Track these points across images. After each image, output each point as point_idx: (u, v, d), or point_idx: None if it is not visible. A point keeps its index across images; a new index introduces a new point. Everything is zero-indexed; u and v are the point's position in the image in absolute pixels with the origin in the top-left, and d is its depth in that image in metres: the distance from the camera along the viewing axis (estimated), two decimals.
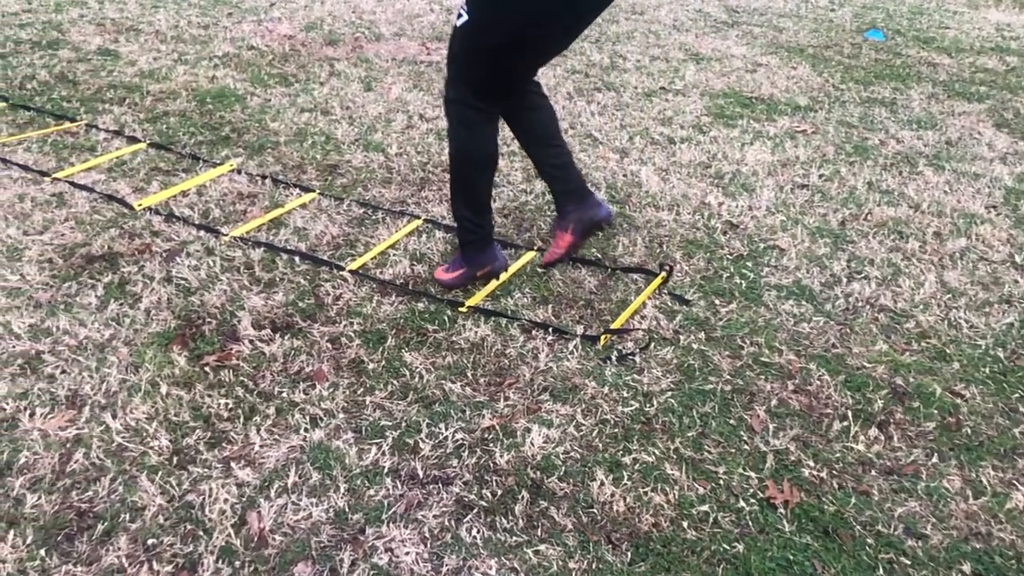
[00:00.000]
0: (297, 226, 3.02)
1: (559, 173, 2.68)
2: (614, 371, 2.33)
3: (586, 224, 2.70)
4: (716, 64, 5.07)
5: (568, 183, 2.68)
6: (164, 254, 2.78)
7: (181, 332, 2.42)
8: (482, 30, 2.24)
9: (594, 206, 2.70)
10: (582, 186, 2.70)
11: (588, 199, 2.69)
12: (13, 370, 2.21)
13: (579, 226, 2.71)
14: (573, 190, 2.68)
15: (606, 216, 2.72)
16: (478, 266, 2.65)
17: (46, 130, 3.62)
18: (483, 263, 2.64)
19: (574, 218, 2.70)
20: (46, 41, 4.72)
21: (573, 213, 2.70)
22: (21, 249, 2.74)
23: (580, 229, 2.71)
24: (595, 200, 2.70)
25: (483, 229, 2.59)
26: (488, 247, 2.61)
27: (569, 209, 2.70)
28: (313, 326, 2.48)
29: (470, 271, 2.65)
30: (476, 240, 2.59)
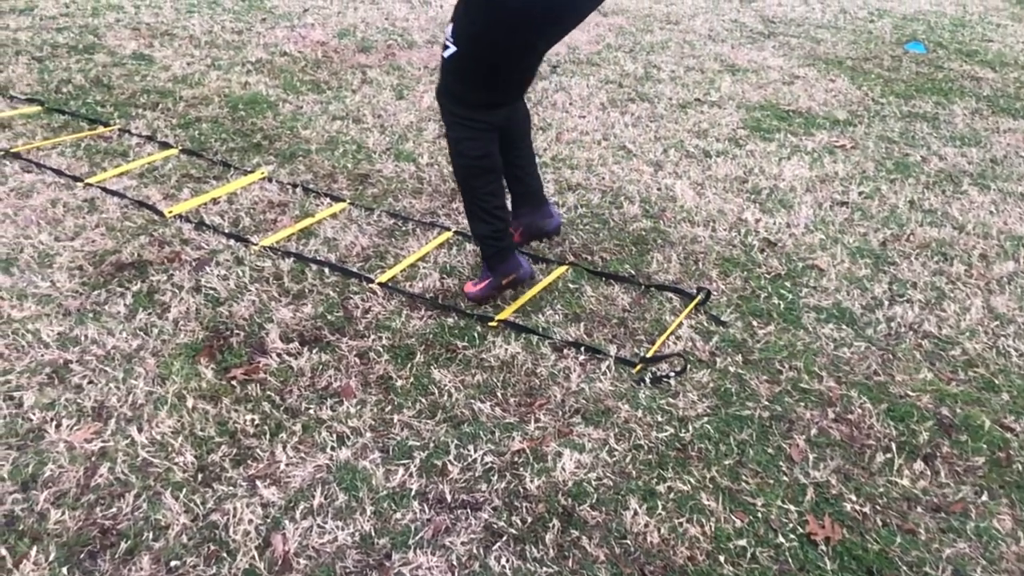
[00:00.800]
0: (327, 236, 2.99)
1: (521, 174, 2.73)
2: (648, 394, 2.27)
3: (534, 231, 2.82)
4: (752, 76, 4.99)
5: (528, 186, 2.76)
6: (193, 263, 2.76)
7: (209, 344, 2.39)
8: (470, 58, 2.34)
9: (547, 216, 2.79)
10: (539, 192, 2.78)
11: (543, 207, 2.79)
12: (41, 379, 2.20)
13: (528, 231, 2.82)
14: (532, 193, 2.77)
15: (555, 228, 2.82)
16: (502, 274, 2.62)
17: (80, 134, 3.62)
18: (507, 271, 2.62)
19: (525, 222, 2.79)
20: (82, 45, 4.75)
21: (526, 217, 2.79)
22: (52, 255, 2.73)
23: (528, 234, 2.82)
24: (549, 210, 2.80)
25: (503, 240, 2.58)
26: (511, 256, 2.61)
27: (523, 212, 2.79)
28: (341, 340, 2.45)
29: (496, 280, 2.63)
30: (496, 252, 2.60)
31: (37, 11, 5.33)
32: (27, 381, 2.18)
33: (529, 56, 2.43)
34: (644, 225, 3.17)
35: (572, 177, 3.55)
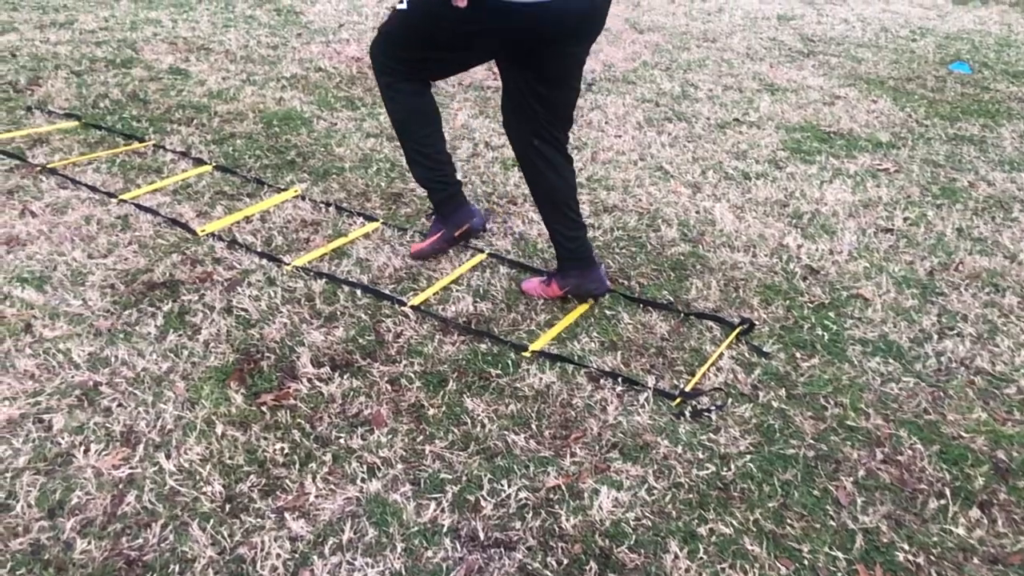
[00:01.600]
0: (360, 257, 2.95)
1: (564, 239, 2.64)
2: (688, 429, 2.19)
3: (582, 293, 2.69)
4: (792, 95, 4.90)
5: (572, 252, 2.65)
6: (225, 283, 2.73)
7: (239, 367, 2.35)
8: (413, 20, 2.35)
9: (595, 280, 2.68)
10: (588, 255, 2.66)
11: (591, 271, 2.67)
12: (71, 401, 2.17)
13: (575, 292, 2.69)
14: (578, 258, 2.65)
15: (602, 293, 2.70)
16: (455, 225, 2.57)
17: (115, 150, 3.63)
18: (459, 221, 2.57)
19: (574, 283, 2.67)
20: (120, 59, 4.79)
21: (574, 279, 2.67)
22: (85, 273, 2.72)
23: (575, 293, 2.70)
24: (599, 274, 2.68)
25: (449, 184, 2.54)
26: (462, 205, 2.56)
27: (572, 275, 2.67)
28: (373, 365, 2.40)
29: (448, 232, 2.59)
30: (447, 197, 2.55)
31: (77, 25, 5.39)
32: (57, 403, 2.16)
33: (465, 53, 2.39)
34: (682, 249, 3.10)
35: (608, 199, 3.49)
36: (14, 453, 1.99)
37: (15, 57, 4.66)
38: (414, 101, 2.52)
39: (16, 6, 5.69)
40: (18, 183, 3.26)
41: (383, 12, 6.25)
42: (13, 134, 3.69)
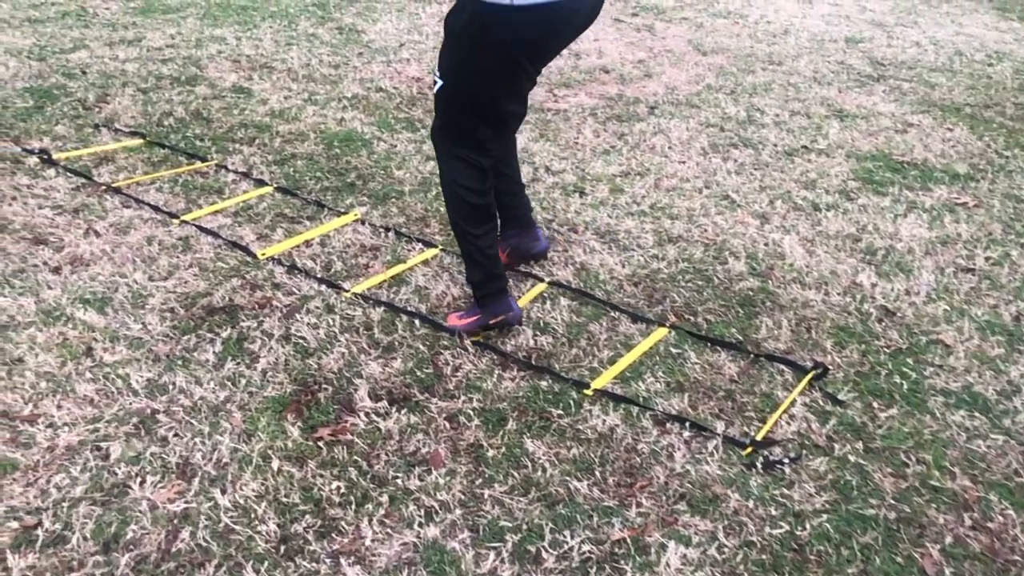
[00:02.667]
0: (419, 284, 2.90)
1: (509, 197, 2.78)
2: (760, 482, 2.08)
3: (522, 253, 2.91)
4: (862, 122, 4.74)
5: (516, 208, 2.82)
6: (284, 309, 2.71)
7: (296, 398, 2.31)
8: (458, 91, 2.37)
9: (535, 239, 2.89)
10: (527, 214, 2.85)
11: (532, 230, 2.88)
12: (128, 429, 2.15)
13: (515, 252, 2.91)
14: (520, 216, 2.84)
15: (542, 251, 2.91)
16: (492, 315, 2.61)
17: (178, 169, 3.65)
18: (497, 313, 2.60)
19: (513, 243, 2.85)
20: (185, 77, 4.84)
21: (513, 239, 2.87)
22: (145, 296, 2.72)
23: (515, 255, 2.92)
24: (537, 233, 2.90)
25: (497, 282, 2.59)
26: (503, 298, 2.60)
27: (511, 234, 2.86)
28: (431, 400, 2.34)
29: (484, 319, 2.61)
30: (491, 294, 2.59)
31: (145, 42, 5.47)
32: (115, 431, 2.14)
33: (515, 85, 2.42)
34: (751, 284, 2.99)
35: (672, 228, 3.39)
36: (72, 482, 1.97)
37: (85, 74, 4.75)
38: (478, 202, 2.50)
39: (88, 23, 5.82)
40: (84, 202, 3.29)
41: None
42: (80, 152, 3.74)
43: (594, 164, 4.00)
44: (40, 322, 2.54)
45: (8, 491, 1.93)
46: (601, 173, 3.91)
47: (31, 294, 2.67)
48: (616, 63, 5.70)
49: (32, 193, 3.32)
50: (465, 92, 2.36)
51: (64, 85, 4.54)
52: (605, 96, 5.04)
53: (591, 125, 4.53)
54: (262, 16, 6.29)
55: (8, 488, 1.94)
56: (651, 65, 5.70)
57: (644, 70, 5.57)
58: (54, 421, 2.15)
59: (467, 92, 2.36)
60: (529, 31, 2.22)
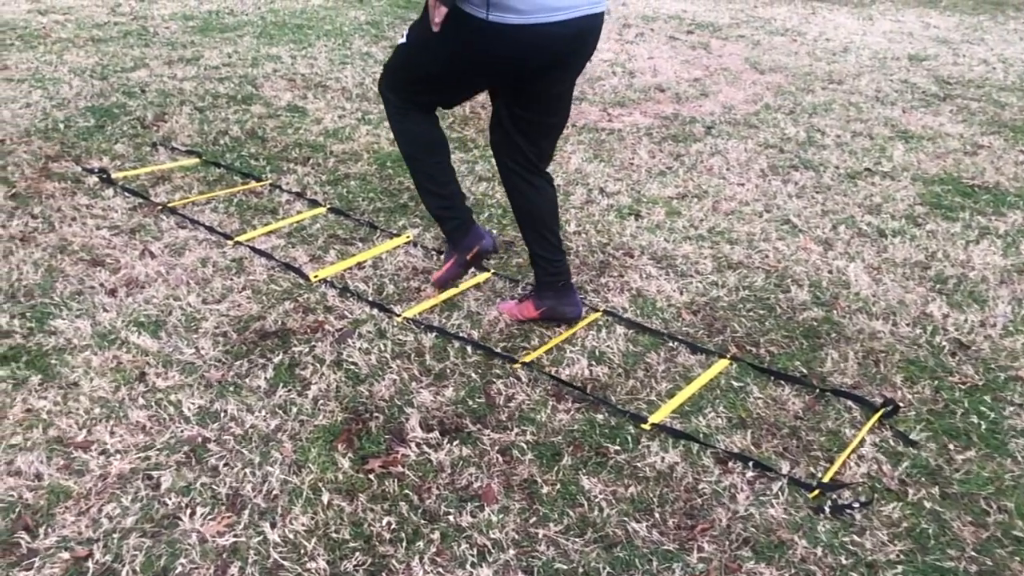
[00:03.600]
0: (470, 309, 2.85)
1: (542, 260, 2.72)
2: (828, 527, 1.98)
3: (556, 315, 2.77)
4: (928, 144, 4.58)
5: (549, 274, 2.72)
6: (336, 334, 2.68)
7: (347, 427, 2.27)
8: (410, 59, 2.46)
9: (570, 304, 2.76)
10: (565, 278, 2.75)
11: (568, 296, 2.76)
12: (179, 458, 2.13)
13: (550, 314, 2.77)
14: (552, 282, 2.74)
15: (576, 316, 2.77)
16: (466, 249, 2.67)
17: (233, 189, 3.67)
18: (470, 245, 2.67)
19: (549, 304, 2.75)
20: (241, 96, 4.89)
21: (549, 300, 2.75)
22: (199, 319, 2.71)
23: (549, 316, 2.77)
24: (574, 299, 2.77)
25: (459, 212, 2.64)
26: (470, 228, 2.66)
27: (547, 296, 2.75)
28: (483, 431, 2.28)
29: (460, 257, 2.69)
30: (457, 226, 2.65)
31: (202, 61, 5.56)
32: (166, 459, 2.12)
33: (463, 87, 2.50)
34: (815, 314, 2.87)
35: (732, 254, 3.29)
36: (123, 512, 1.95)
37: (144, 93, 4.83)
38: (421, 132, 2.59)
39: (148, 42, 5.94)
40: (140, 222, 3.32)
41: None
42: (138, 171, 3.79)
43: (650, 186, 3.92)
44: (95, 345, 2.55)
45: (61, 520, 1.92)
46: (657, 195, 3.82)
47: (87, 316, 2.69)
48: (671, 81, 5.62)
49: (91, 213, 3.36)
50: (416, 64, 2.45)
51: (124, 104, 4.62)
52: (660, 115, 4.96)
53: (646, 145, 4.46)
54: (317, 35, 6.35)
55: (61, 517, 1.93)
56: (707, 84, 5.60)
57: (700, 89, 5.48)
58: (107, 448, 2.14)
59: (417, 65, 2.45)
60: (500, 48, 2.25)
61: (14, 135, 4.11)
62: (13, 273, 2.91)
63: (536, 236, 2.68)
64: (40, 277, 2.89)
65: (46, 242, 3.13)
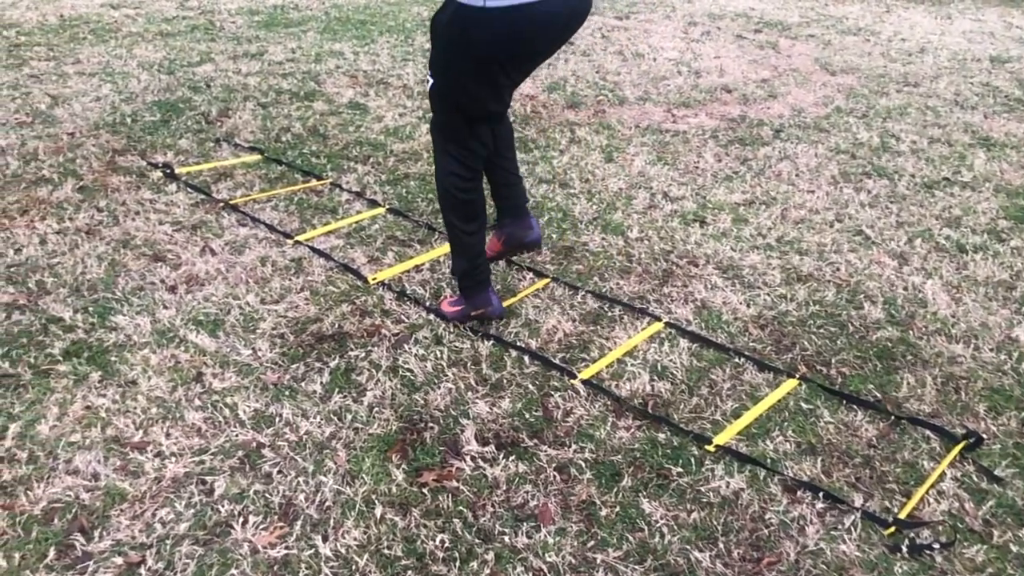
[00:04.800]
0: (528, 317, 2.79)
1: (506, 187, 2.87)
2: (906, 568, 1.86)
3: (515, 242, 2.96)
4: (1012, 152, 4.35)
5: (512, 198, 2.90)
6: (392, 339, 2.64)
7: (402, 437, 2.23)
8: (445, 90, 2.45)
9: (527, 228, 2.94)
10: (523, 204, 2.93)
11: (525, 219, 2.94)
12: (233, 463, 2.11)
13: (510, 240, 2.96)
14: (515, 205, 2.91)
15: (534, 240, 2.97)
16: (474, 307, 2.74)
17: (294, 187, 3.66)
18: (478, 305, 2.73)
19: (508, 232, 2.94)
20: (304, 92, 4.90)
21: (508, 227, 2.94)
22: (257, 319, 2.70)
23: (509, 243, 2.97)
24: (530, 222, 2.95)
25: (479, 275, 2.70)
26: (484, 291, 2.73)
27: (506, 222, 2.94)
28: (540, 447, 2.21)
29: (467, 310, 2.74)
30: (474, 285, 2.71)
31: (267, 56, 5.59)
32: (220, 464, 2.10)
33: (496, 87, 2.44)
34: (889, 334, 2.74)
35: (801, 265, 3.16)
36: (176, 518, 1.94)
37: (209, 88, 4.87)
38: (467, 196, 2.60)
39: (215, 36, 6.00)
40: (202, 218, 3.33)
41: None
42: (201, 167, 3.81)
43: (715, 191, 3.80)
44: (154, 343, 2.55)
45: (115, 523, 1.91)
46: (723, 201, 3.70)
47: (147, 313, 2.69)
48: (738, 82, 5.46)
49: (154, 208, 3.38)
50: (451, 91, 2.44)
51: (189, 99, 4.67)
52: (727, 117, 4.82)
53: (712, 148, 4.33)
54: (380, 31, 6.35)
55: (115, 520, 1.92)
56: (775, 85, 5.43)
57: (768, 90, 5.32)
58: (162, 450, 2.14)
59: (453, 91, 2.44)
60: (502, 34, 2.27)
61: (84, 128, 4.18)
62: (78, 267, 2.94)
63: (498, 160, 2.80)
64: (103, 271, 2.92)
65: (110, 236, 3.16)
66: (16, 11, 6.39)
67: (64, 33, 5.86)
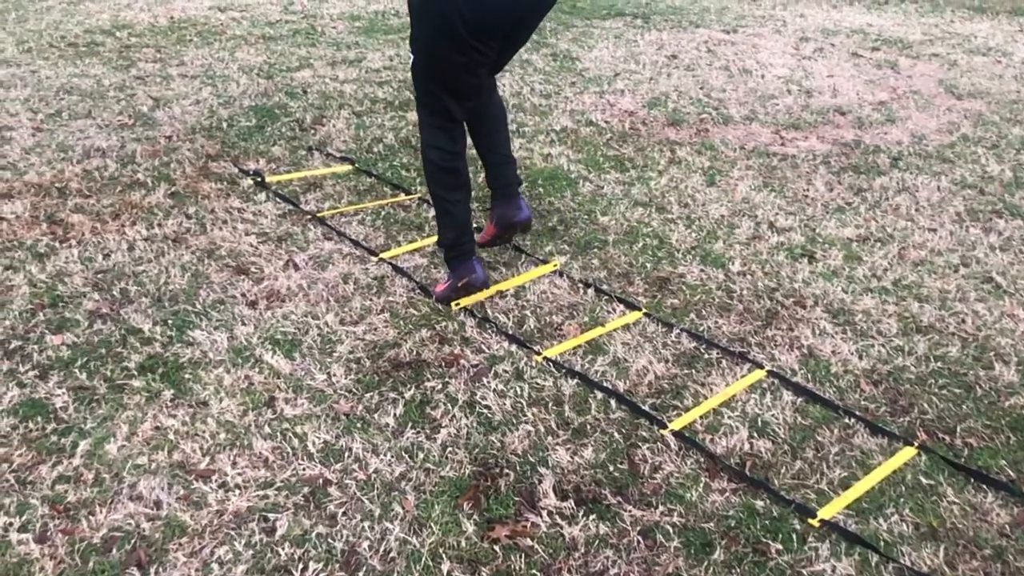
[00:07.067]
0: (617, 355, 2.60)
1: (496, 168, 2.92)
2: None
3: (505, 223, 2.94)
4: None
5: (502, 179, 2.92)
6: (471, 370, 2.50)
7: (475, 483, 2.08)
8: (423, 65, 2.62)
9: (516, 208, 2.92)
10: (513, 184, 2.93)
11: (515, 200, 2.92)
12: (298, 500, 2.01)
13: (500, 221, 2.94)
14: (505, 185, 2.92)
15: (524, 219, 2.94)
16: (459, 277, 2.82)
17: (382, 201, 3.57)
18: (463, 274, 2.82)
19: (498, 213, 2.93)
20: (399, 101, 4.84)
21: (498, 208, 2.93)
22: (334, 342, 2.60)
23: (500, 225, 2.95)
24: (519, 203, 2.93)
25: (464, 245, 2.82)
26: (468, 260, 2.83)
27: (497, 204, 2.94)
28: (624, 506, 2.03)
29: (454, 282, 2.83)
30: (458, 255, 2.82)
31: (364, 63, 5.57)
32: (284, 500, 2.00)
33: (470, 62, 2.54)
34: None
35: (921, 314, 2.87)
36: (235, 558, 1.84)
37: (306, 94, 4.86)
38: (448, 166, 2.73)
39: (315, 42, 6.02)
40: (288, 230, 3.27)
41: (661, 61, 5.93)
42: (292, 176, 3.77)
43: (826, 224, 3.53)
44: (229, 362, 2.48)
45: (172, 558, 1.83)
46: (834, 235, 3.43)
47: (225, 329, 2.63)
48: (853, 104, 5.13)
49: (242, 218, 3.35)
50: (427, 65, 2.60)
51: (285, 104, 4.66)
52: (840, 142, 4.51)
53: (823, 175, 4.04)
54: None
55: (173, 555, 1.84)
56: (894, 108, 5.08)
57: (886, 114, 4.97)
58: (227, 480, 2.05)
59: (426, 66, 2.60)
60: (466, 8, 2.38)
61: (181, 132, 4.21)
62: (162, 276, 2.91)
63: (489, 143, 2.89)
64: (186, 282, 2.88)
65: (196, 244, 3.13)
66: (131, 12, 6.58)
67: (172, 35, 5.98)
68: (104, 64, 5.24)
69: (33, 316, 2.65)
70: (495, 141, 2.91)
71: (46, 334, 2.57)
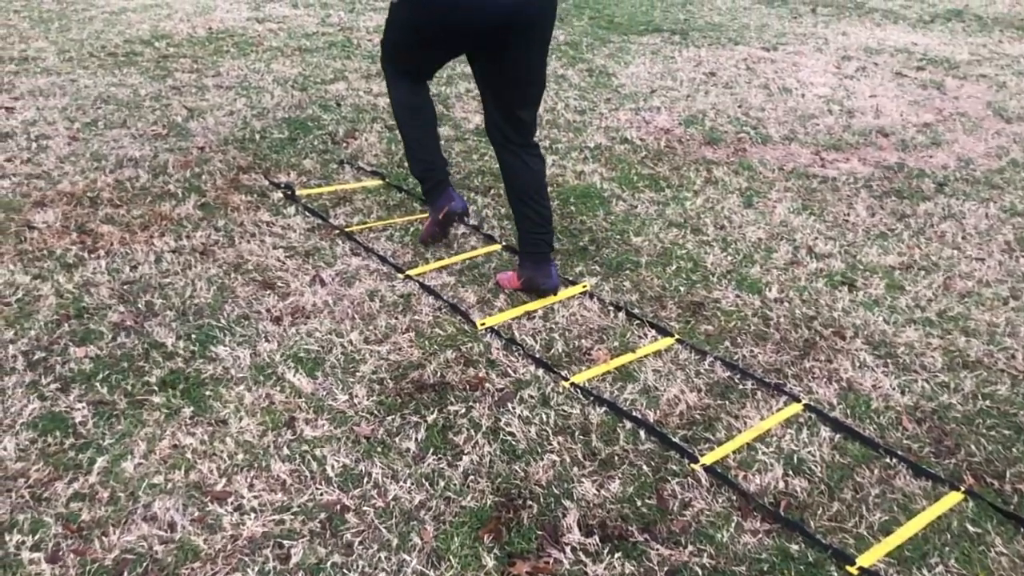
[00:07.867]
0: (647, 383, 2.52)
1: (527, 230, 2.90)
2: None
3: (533, 287, 2.92)
4: None
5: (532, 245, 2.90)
6: (496, 394, 2.43)
7: (497, 514, 2.01)
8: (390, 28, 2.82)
9: (546, 276, 2.90)
10: (546, 251, 2.91)
11: (545, 266, 2.90)
12: (314, 526, 1.95)
13: (528, 284, 2.92)
14: (537, 252, 2.90)
15: (552, 288, 2.92)
16: (438, 209, 2.95)
17: (411, 217, 3.53)
18: (441, 206, 2.94)
19: (527, 275, 2.92)
20: None
21: (528, 271, 2.92)
22: (358, 361, 2.55)
23: (527, 287, 2.93)
24: (550, 270, 2.91)
25: (435, 176, 2.95)
26: (444, 191, 2.96)
27: (527, 266, 2.93)
28: (651, 544, 1.94)
29: (434, 215, 2.96)
30: (433, 186, 2.94)
31: None
32: (300, 526, 1.94)
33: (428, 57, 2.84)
34: None
35: (968, 348, 2.75)
36: None
37: (339, 107, 4.84)
38: (410, 99, 2.90)
39: (351, 54, 6.02)
40: (316, 244, 3.23)
41: (699, 78, 5.84)
42: (322, 189, 3.74)
43: (867, 250, 3.41)
44: (251, 379, 2.44)
45: None
46: (876, 263, 3.31)
47: (248, 345, 2.59)
48: (896, 125, 5.00)
49: (270, 231, 3.32)
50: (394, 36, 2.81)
51: (318, 117, 4.65)
52: (882, 164, 4.39)
53: (865, 200, 3.93)
54: None
55: None
56: (939, 130, 4.94)
57: (931, 136, 4.83)
58: (243, 503, 2.00)
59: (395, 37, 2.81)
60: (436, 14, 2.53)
61: (214, 143, 4.20)
62: (188, 288, 2.88)
63: (520, 205, 2.86)
64: (211, 296, 2.85)
65: (223, 258, 3.10)
66: (170, 23, 6.64)
67: (209, 46, 6.02)
68: (141, 74, 5.27)
69: (58, 327, 2.64)
70: (532, 200, 2.84)
71: (70, 346, 2.55)
